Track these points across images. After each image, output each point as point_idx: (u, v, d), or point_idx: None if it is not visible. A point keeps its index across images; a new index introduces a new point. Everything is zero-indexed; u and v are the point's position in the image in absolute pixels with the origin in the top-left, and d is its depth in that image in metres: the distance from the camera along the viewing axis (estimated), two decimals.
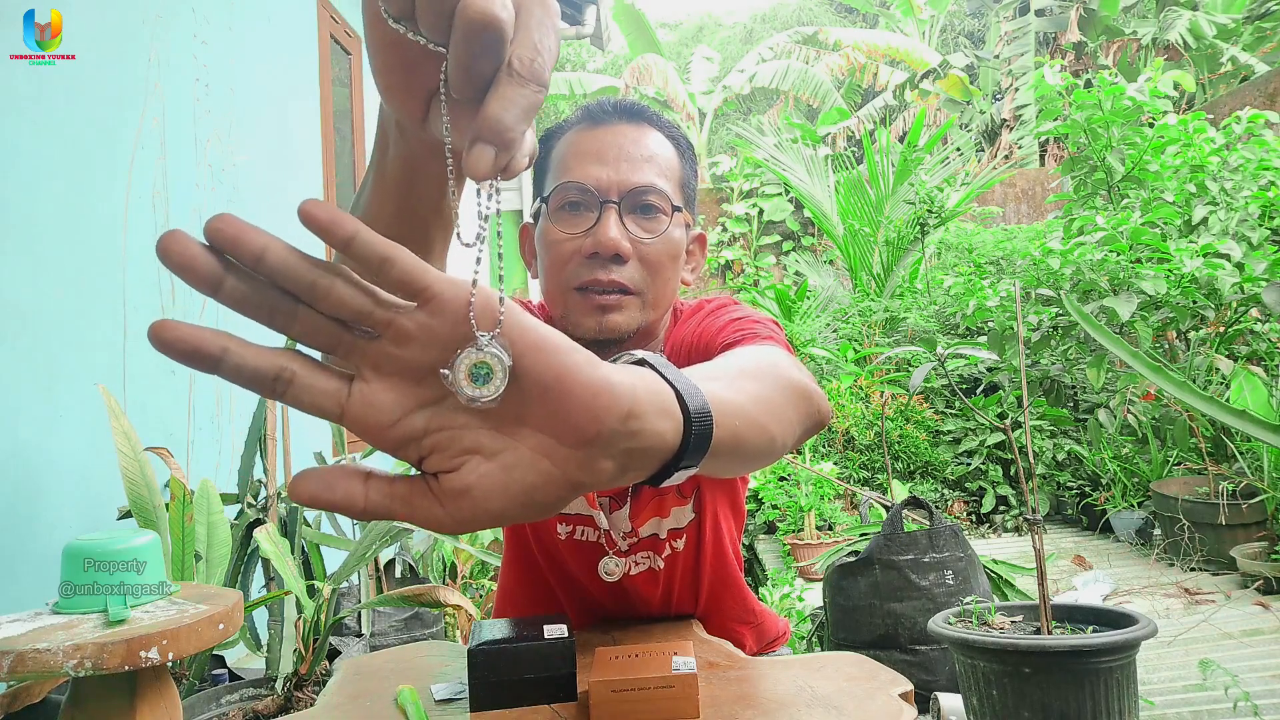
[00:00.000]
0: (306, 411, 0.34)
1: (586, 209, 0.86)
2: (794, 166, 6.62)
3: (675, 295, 0.94)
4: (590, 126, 0.90)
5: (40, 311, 1.73)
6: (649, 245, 0.87)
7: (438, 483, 0.34)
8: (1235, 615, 2.51)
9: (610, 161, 0.86)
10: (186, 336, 0.31)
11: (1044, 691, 1.51)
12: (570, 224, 0.86)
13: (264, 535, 1.60)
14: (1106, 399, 3.94)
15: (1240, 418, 1.77)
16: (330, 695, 0.91)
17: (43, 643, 1.01)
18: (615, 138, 0.88)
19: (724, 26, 20.93)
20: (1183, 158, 4.12)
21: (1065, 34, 9.27)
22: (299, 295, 0.32)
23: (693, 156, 0.94)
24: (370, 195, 0.52)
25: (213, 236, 0.31)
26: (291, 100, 3.04)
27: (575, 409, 0.33)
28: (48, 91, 1.78)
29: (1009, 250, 5.24)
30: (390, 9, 0.36)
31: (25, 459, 1.66)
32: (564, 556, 1.01)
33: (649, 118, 0.92)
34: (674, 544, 1.00)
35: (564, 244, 0.86)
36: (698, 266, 0.97)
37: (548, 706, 0.81)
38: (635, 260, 0.86)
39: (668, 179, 0.89)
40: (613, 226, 0.84)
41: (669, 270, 0.89)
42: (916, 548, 1.97)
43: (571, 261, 0.86)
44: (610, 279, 0.85)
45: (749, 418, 0.50)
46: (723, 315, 0.91)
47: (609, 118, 0.90)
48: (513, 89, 0.33)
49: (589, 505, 0.96)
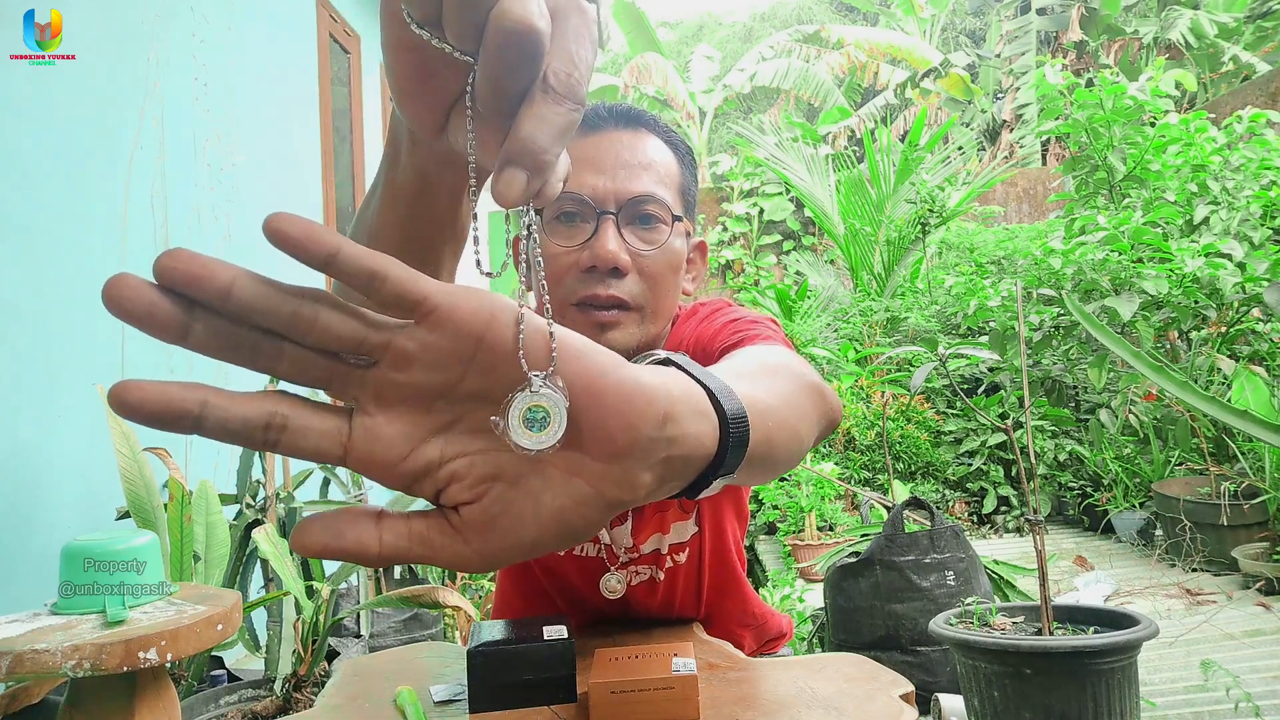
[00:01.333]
0: (305, 459, 0.30)
1: (583, 220, 0.82)
2: (794, 166, 6.62)
3: (676, 307, 0.90)
4: (585, 133, 0.85)
5: (39, 311, 1.73)
6: (649, 257, 0.83)
7: (459, 516, 0.31)
8: (1237, 616, 2.50)
9: (607, 169, 0.83)
10: (154, 397, 0.27)
11: (1045, 692, 1.51)
12: (565, 236, 0.82)
13: (262, 536, 1.60)
14: (1108, 399, 3.93)
15: (1242, 418, 1.77)
16: (329, 696, 0.90)
17: (41, 643, 1.01)
18: (611, 144, 0.84)
19: (724, 25, 20.92)
20: (1184, 157, 4.11)
21: (1066, 33, 9.26)
22: (279, 330, 0.28)
23: (692, 161, 0.91)
24: (378, 208, 0.49)
25: (165, 277, 0.27)
26: (290, 100, 3.04)
27: (608, 417, 0.30)
28: (47, 91, 1.78)
29: (1010, 250, 5.23)
30: (414, 12, 0.32)
31: (24, 459, 1.66)
32: (564, 571, 0.99)
33: (646, 122, 0.88)
34: (675, 558, 0.98)
35: (561, 257, 0.82)
36: (699, 275, 0.93)
37: (547, 708, 0.81)
38: (634, 273, 0.82)
39: (667, 187, 0.85)
40: (611, 239, 0.80)
41: (670, 282, 0.85)
42: (917, 548, 1.97)
43: (568, 276, 0.82)
44: (609, 294, 0.81)
45: (779, 418, 0.47)
46: (719, 318, 0.88)
47: (604, 123, 0.86)
48: (548, 107, 0.30)
49: None
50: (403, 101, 0.38)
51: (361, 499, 2.46)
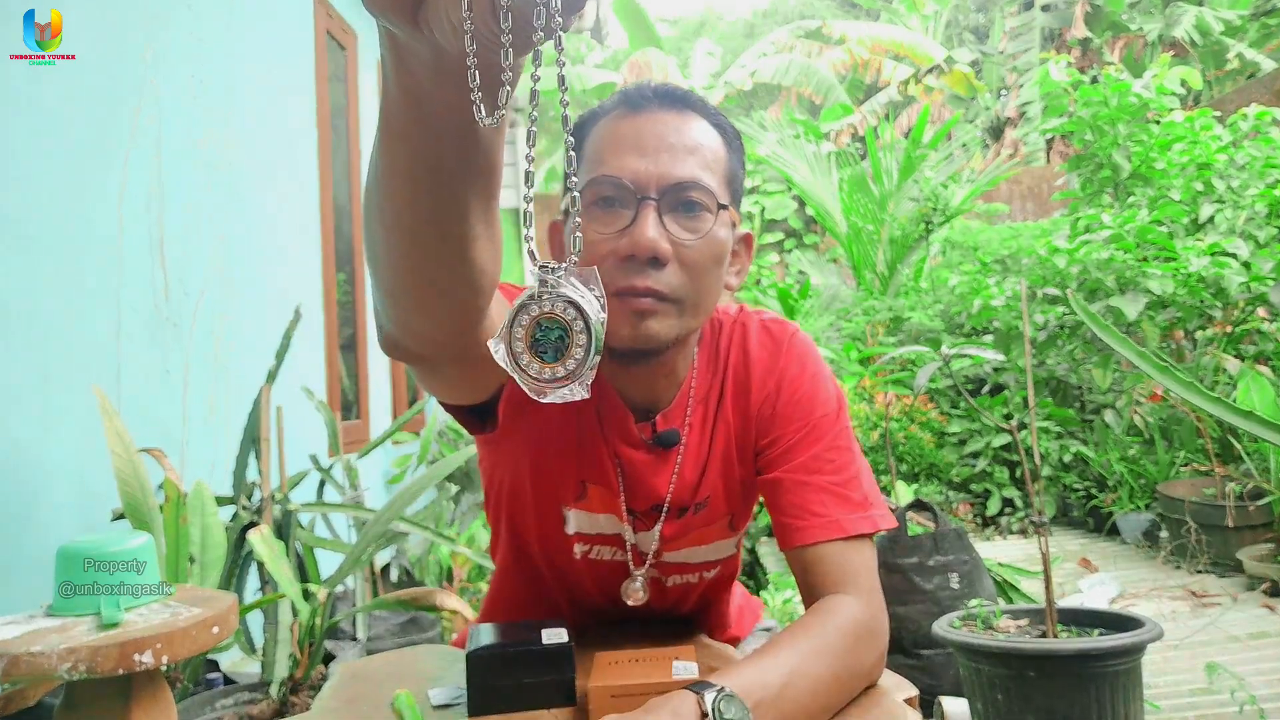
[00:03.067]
0: None
1: (622, 205, 0.77)
2: (797, 163, 6.59)
3: (718, 301, 0.85)
4: (628, 113, 0.80)
5: (34, 311, 1.71)
6: (691, 248, 0.77)
7: None
8: (1242, 618, 2.49)
9: (650, 152, 0.77)
10: None
11: (1049, 695, 1.50)
12: (605, 222, 0.77)
13: (258, 538, 1.59)
14: (1113, 399, 3.92)
15: (1247, 418, 1.74)
16: (326, 699, 0.89)
17: (36, 645, 1.00)
18: (655, 126, 0.79)
19: (725, 21, 20.90)
20: (1189, 155, 4.09)
21: (1070, 30, 9.23)
22: None
23: (740, 147, 0.86)
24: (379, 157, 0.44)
25: None
26: (287, 97, 3.03)
27: None
28: (42, 90, 1.77)
29: (1015, 248, 5.21)
30: None
31: (19, 460, 1.65)
32: (580, 576, 0.95)
33: (693, 104, 0.82)
34: (705, 574, 0.95)
35: (599, 245, 0.76)
36: (743, 269, 0.87)
37: (546, 712, 0.80)
38: (675, 263, 0.77)
39: (713, 173, 0.79)
40: (651, 226, 0.75)
41: (713, 275, 0.80)
42: (921, 551, 1.96)
43: (606, 263, 0.76)
44: (647, 285, 0.75)
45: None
46: (805, 409, 0.86)
47: (648, 103, 0.80)
48: None
49: (618, 521, 0.90)
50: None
51: (358, 500, 2.45)
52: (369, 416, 3.67)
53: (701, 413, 0.88)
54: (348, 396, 3.52)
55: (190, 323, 2.24)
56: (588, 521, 0.90)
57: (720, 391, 0.89)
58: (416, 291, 0.55)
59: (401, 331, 0.60)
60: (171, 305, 2.17)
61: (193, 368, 2.23)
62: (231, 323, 2.44)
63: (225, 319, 2.41)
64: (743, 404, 0.88)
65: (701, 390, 0.88)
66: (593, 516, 0.90)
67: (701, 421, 0.88)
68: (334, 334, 3.26)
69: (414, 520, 1.98)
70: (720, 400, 0.89)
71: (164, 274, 2.15)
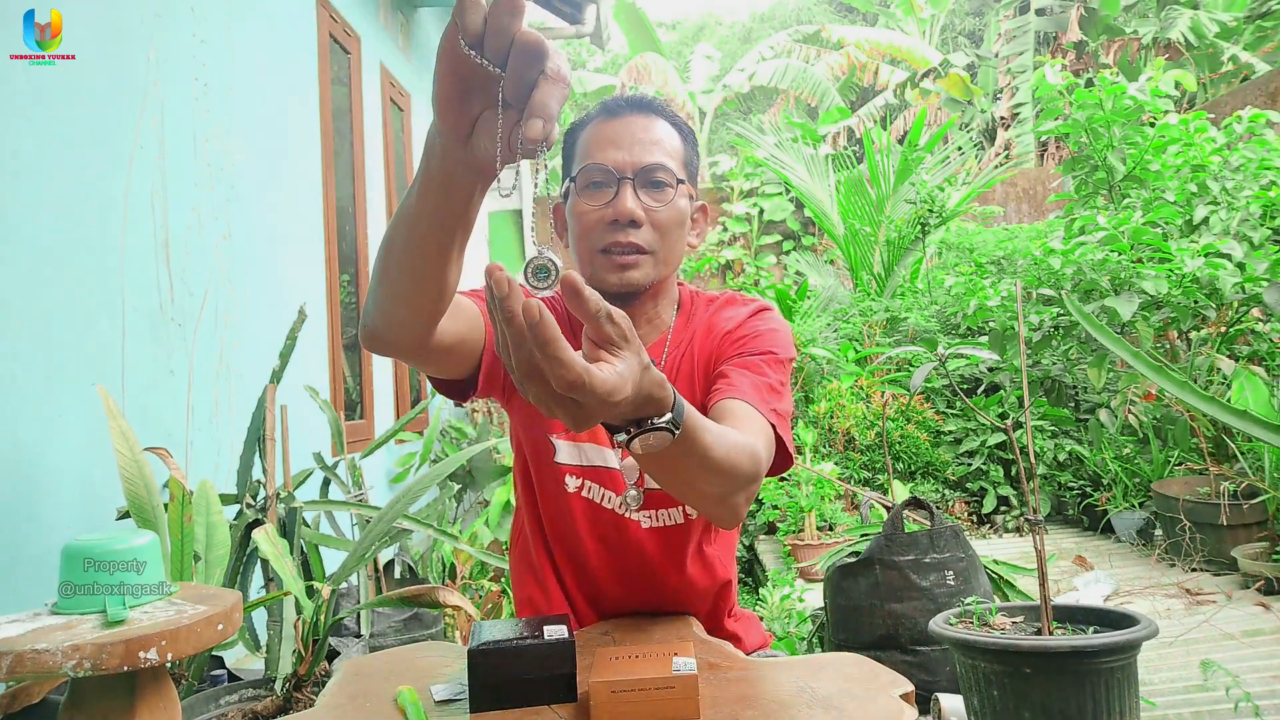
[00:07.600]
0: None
1: (607, 185, 1.03)
2: (794, 166, 6.61)
3: (682, 256, 1.11)
4: (608, 118, 1.07)
5: (39, 312, 1.72)
6: (659, 212, 1.04)
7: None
8: (1236, 616, 2.50)
9: (625, 146, 1.04)
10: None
11: (1045, 692, 1.51)
12: (594, 198, 1.04)
13: (263, 536, 1.60)
14: (1108, 399, 3.93)
15: (1241, 418, 1.77)
16: (330, 696, 0.90)
17: (41, 643, 1.01)
18: (629, 127, 1.05)
19: (724, 25, 20.91)
20: (1184, 157, 4.12)
21: (1066, 33, 9.26)
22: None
23: (694, 140, 1.13)
24: (415, 197, 0.68)
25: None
26: (290, 99, 3.03)
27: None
28: (46, 91, 1.78)
29: (1010, 250, 5.23)
30: (465, 37, 0.54)
31: (24, 460, 1.66)
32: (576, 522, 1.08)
33: (656, 109, 1.09)
34: (688, 510, 1.08)
35: (590, 214, 1.04)
36: (702, 232, 1.14)
37: (548, 707, 0.81)
38: (648, 225, 1.04)
39: (673, 158, 1.06)
40: (629, 198, 1.02)
41: (676, 233, 1.07)
42: (917, 548, 1.97)
43: (596, 229, 1.04)
44: (628, 241, 1.02)
45: (717, 437, 0.75)
46: (747, 320, 1.08)
47: (623, 110, 1.07)
48: (551, 86, 0.54)
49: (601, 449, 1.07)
50: (443, 112, 0.59)
51: (362, 499, 2.46)
52: (373, 416, 3.68)
53: (675, 357, 1.11)
54: (351, 396, 3.53)
55: (194, 323, 2.25)
56: (576, 453, 1.08)
57: (691, 338, 1.11)
58: (412, 296, 0.77)
59: (385, 323, 0.80)
60: (176, 305, 2.18)
61: (197, 367, 2.24)
62: (235, 323, 2.45)
63: (229, 319, 2.42)
64: (707, 345, 1.10)
65: (677, 339, 1.12)
66: (579, 447, 1.08)
67: (676, 364, 1.10)
68: (337, 334, 3.27)
69: (417, 518, 1.99)
70: (690, 343, 1.11)
71: (168, 274, 2.16)
